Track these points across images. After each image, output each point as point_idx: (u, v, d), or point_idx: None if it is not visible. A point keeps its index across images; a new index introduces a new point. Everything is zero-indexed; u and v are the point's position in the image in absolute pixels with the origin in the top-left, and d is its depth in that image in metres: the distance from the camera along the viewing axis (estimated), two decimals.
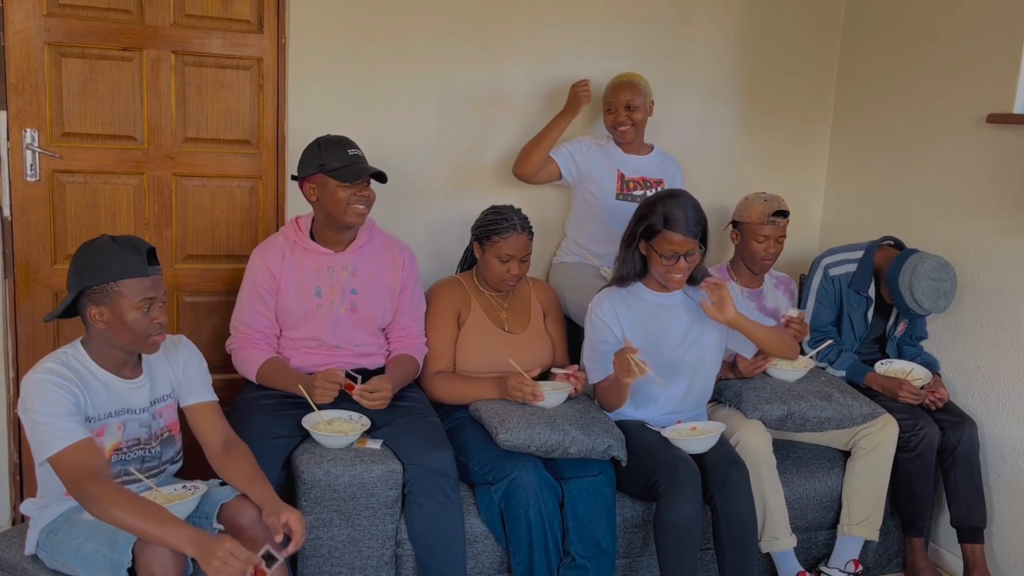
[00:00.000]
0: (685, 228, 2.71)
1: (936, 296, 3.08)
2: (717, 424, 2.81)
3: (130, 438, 2.30)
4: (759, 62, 3.77)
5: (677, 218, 2.72)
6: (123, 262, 2.18)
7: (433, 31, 3.33)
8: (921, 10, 3.46)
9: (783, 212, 3.19)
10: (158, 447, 2.37)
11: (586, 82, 3.32)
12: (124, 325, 2.20)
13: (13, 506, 3.08)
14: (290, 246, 2.85)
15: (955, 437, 3.08)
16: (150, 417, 2.34)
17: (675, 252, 2.73)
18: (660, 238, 2.74)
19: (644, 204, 2.83)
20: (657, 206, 2.76)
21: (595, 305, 2.88)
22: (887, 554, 3.20)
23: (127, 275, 2.17)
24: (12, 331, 3.06)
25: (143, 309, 2.19)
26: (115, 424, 2.26)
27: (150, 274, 2.20)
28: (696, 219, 2.74)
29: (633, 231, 2.83)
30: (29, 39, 2.95)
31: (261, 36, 3.19)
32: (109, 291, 2.17)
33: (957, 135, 3.30)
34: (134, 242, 2.23)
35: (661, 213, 2.74)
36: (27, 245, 3.05)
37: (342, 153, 2.76)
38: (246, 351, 2.82)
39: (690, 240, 2.72)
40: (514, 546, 2.66)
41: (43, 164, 3.03)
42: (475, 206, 3.14)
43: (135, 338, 2.22)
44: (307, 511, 2.55)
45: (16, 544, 2.36)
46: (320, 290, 2.83)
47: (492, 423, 2.71)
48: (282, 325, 2.86)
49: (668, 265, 2.75)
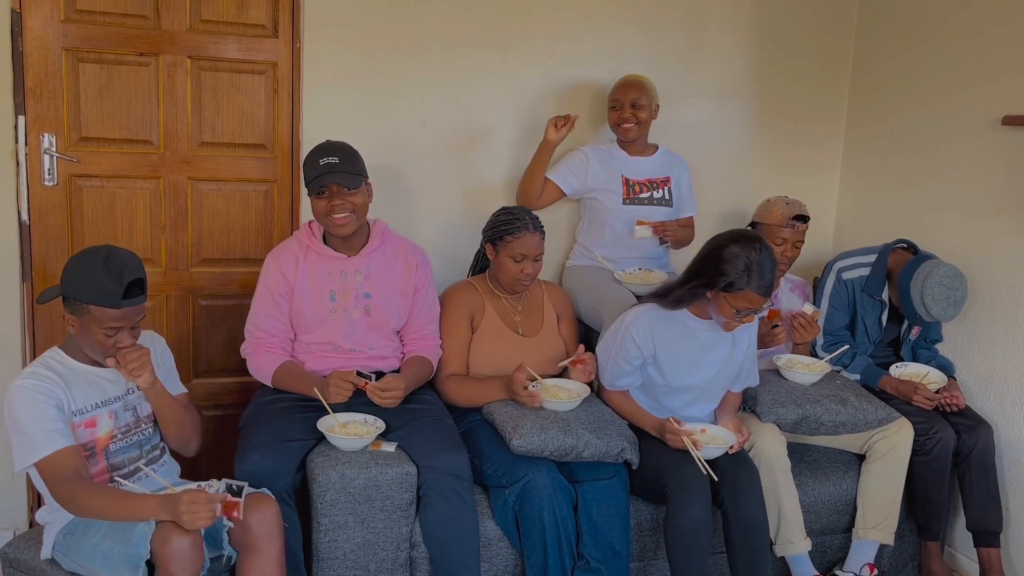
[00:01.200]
0: (766, 288, 2.63)
1: (946, 305, 3.07)
2: (729, 433, 2.80)
3: (122, 424, 2.38)
4: (771, 64, 3.77)
5: (762, 278, 2.62)
6: (98, 289, 2.22)
7: (448, 35, 3.34)
8: (935, 12, 3.45)
9: (803, 217, 3.18)
10: (150, 429, 2.44)
11: (564, 118, 3.26)
12: (87, 338, 2.29)
13: (31, 508, 3.11)
14: (303, 251, 2.86)
15: (971, 441, 3.07)
16: (138, 399, 2.42)
17: (750, 309, 2.67)
18: (741, 295, 2.64)
19: (728, 253, 2.64)
20: (741, 260, 2.61)
21: (633, 322, 2.80)
22: (902, 558, 3.18)
23: (98, 303, 2.22)
24: (30, 334, 3.09)
25: (107, 334, 2.26)
26: (105, 413, 2.34)
27: (121, 307, 2.24)
28: (772, 279, 2.65)
29: (711, 279, 2.66)
30: (47, 44, 2.97)
31: (276, 41, 3.21)
32: (80, 307, 2.25)
33: (972, 137, 3.29)
34: (122, 270, 2.24)
35: (746, 272, 2.61)
36: (45, 249, 3.08)
37: (315, 163, 2.74)
38: (261, 355, 2.83)
39: (767, 299, 2.67)
40: (528, 549, 2.66)
41: (61, 169, 3.06)
42: (487, 208, 3.15)
43: (94, 352, 2.32)
44: (322, 513, 2.56)
45: (33, 547, 2.38)
46: (334, 294, 2.84)
47: (505, 428, 2.71)
48: (296, 329, 2.87)
49: (738, 319, 2.69)
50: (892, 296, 3.26)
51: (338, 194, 2.73)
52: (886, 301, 3.26)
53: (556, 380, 2.93)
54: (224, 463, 2.55)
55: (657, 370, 2.84)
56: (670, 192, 3.45)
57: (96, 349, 2.30)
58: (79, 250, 3.05)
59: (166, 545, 2.08)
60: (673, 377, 2.82)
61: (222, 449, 2.44)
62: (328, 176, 2.71)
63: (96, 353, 2.31)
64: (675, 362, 2.81)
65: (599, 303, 3.17)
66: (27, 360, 3.07)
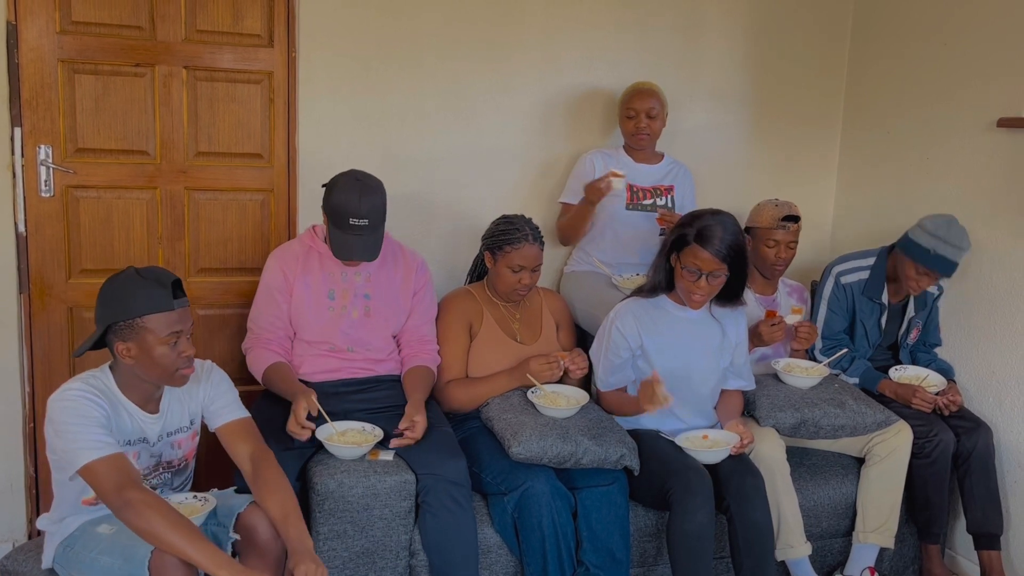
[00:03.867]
0: (714, 247, 2.68)
1: (948, 225, 3.04)
2: (730, 435, 2.80)
3: (143, 467, 2.30)
4: (768, 69, 3.77)
5: (709, 236, 2.69)
6: (148, 297, 2.15)
7: (443, 43, 3.34)
8: (930, 15, 3.46)
9: (793, 217, 3.18)
10: (168, 475, 2.38)
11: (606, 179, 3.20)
12: (151, 360, 2.18)
13: (30, 520, 3.10)
14: (305, 251, 2.88)
15: (970, 443, 3.06)
16: (166, 447, 2.34)
17: (699, 269, 2.71)
18: (688, 251, 2.73)
19: (686, 216, 2.82)
20: (696, 220, 2.75)
21: (616, 316, 2.87)
22: (903, 561, 3.18)
23: (152, 310, 2.15)
24: (28, 346, 3.09)
25: (170, 343, 2.18)
26: (131, 452, 2.24)
27: (176, 307, 2.17)
28: (730, 243, 2.70)
29: (668, 240, 2.82)
30: (43, 56, 2.98)
31: (271, 50, 3.21)
32: (135, 326, 2.16)
33: (968, 139, 3.29)
34: (159, 274, 2.20)
35: (697, 227, 2.72)
36: (42, 260, 3.08)
37: (343, 220, 2.70)
38: (257, 351, 2.84)
39: (716, 261, 2.70)
40: (527, 556, 2.66)
41: (57, 180, 3.06)
42: (484, 218, 3.14)
43: (163, 372, 2.21)
44: (321, 522, 2.56)
45: (33, 558, 2.37)
46: (333, 293, 2.85)
47: (504, 435, 2.71)
48: (296, 327, 2.88)
49: (689, 280, 2.74)
50: (891, 296, 3.26)
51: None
52: (885, 303, 3.26)
53: (555, 387, 2.92)
54: (223, 472, 2.54)
55: (647, 362, 2.85)
56: (673, 200, 3.46)
57: (162, 366, 2.19)
58: (76, 262, 3.10)
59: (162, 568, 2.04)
60: (662, 365, 2.81)
61: (221, 458, 2.43)
62: (355, 247, 2.71)
63: (162, 372, 2.20)
64: (662, 350, 2.81)
65: (597, 308, 3.17)
66: (26, 373, 3.07)
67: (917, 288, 3.15)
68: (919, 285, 3.13)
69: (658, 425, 2.89)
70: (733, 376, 2.97)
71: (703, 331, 2.87)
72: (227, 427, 2.39)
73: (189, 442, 2.41)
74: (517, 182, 3.48)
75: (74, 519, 2.28)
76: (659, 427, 2.89)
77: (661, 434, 2.87)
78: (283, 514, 2.22)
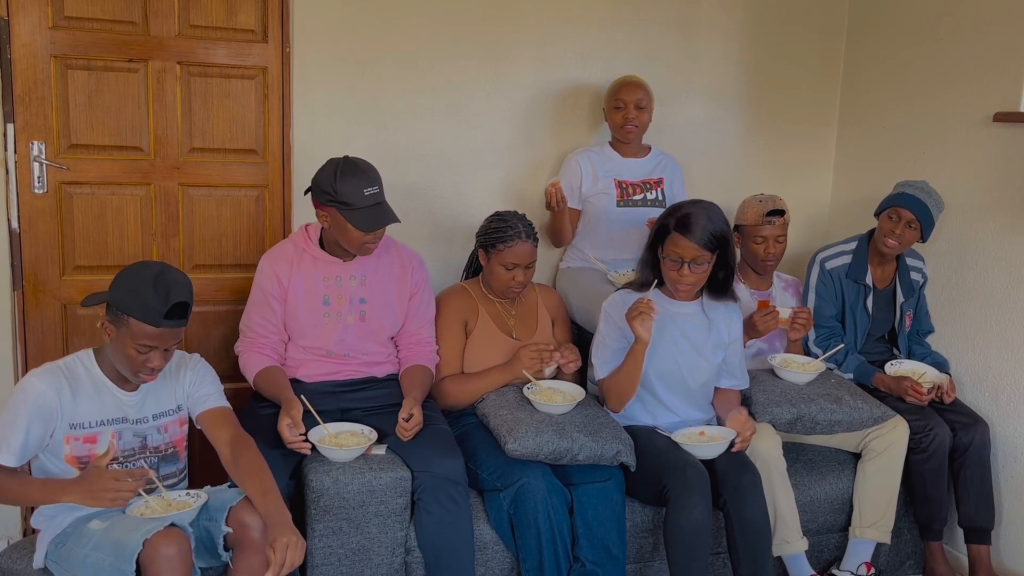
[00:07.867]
0: (695, 234, 2.68)
1: (915, 181, 3.16)
2: (727, 431, 2.80)
3: (126, 448, 2.35)
4: (763, 64, 3.77)
5: (689, 223, 2.69)
6: (143, 305, 2.20)
7: (438, 40, 3.33)
8: (926, 10, 3.45)
9: (778, 211, 3.17)
10: (155, 459, 2.39)
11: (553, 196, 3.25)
12: (119, 350, 2.27)
13: (24, 517, 3.09)
14: (298, 254, 2.85)
15: (967, 438, 3.07)
16: (152, 430, 2.38)
17: (680, 257, 2.72)
18: (669, 240, 2.73)
19: (669, 207, 2.84)
20: (677, 210, 2.76)
21: (609, 304, 2.87)
22: (899, 556, 3.18)
23: (139, 318, 2.21)
24: (21, 342, 3.08)
25: (139, 350, 2.24)
26: (108, 432, 2.31)
27: (160, 326, 2.22)
28: (712, 230, 2.69)
29: (651, 232, 2.83)
30: (35, 52, 2.96)
31: (266, 46, 3.20)
32: (120, 317, 2.23)
33: (964, 134, 3.29)
34: (170, 290, 2.23)
35: (676, 216, 2.73)
36: (35, 257, 3.07)
37: (358, 193, 2.67)
38: (250, 355, 2.83)
39: (698, 248, 2.70)
40: (524, 553, 2.65)
41: (50, 176, 3.04)
42: (479, 214, 3.13)
43: (123, 366, 2.30)
44: (316, 519, 2.55)
45: (26, 556, 2.37)
46: (328, 299, 2.83)
47: (500, 431, 2.70)
48: (290, 333, 2.86)
49: (673, 270, 2.74)
50: (876, 281, 3.26)
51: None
52: (870, 285, 3.27)
53: (551, 383, 2.92)
54: (216, 470, 2.53)
55: None
56: (663, 193, 3.45)
57: (125, 363, 2.27)
58: (70, 258, 3.09)
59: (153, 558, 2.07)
60: (655, 356, 2.80)
61: (215, 455, 2.43)
62: (382, 216, 2.70)
63: (124, 367, 2.29)
64: (652, 343, 2.77)
65: (593, 305, 3.16)
66: (19, 369, 3.06)
67: (897, 244, 3.17)
68: (899, 237, 3.15)
69: (652, 419, 2.89)
70: (726, 375, 2.96)
71: (694, 325, 2.86)
72: (208, 413, 2.46)
73: (177, 428, 2.45)
74: (511, 178, 3.47)
75: (66, 516, 2.29)
76: (654, 422, 2.89)
77: (658, 430, 2.87)
78: (261, 490, 2.28)
